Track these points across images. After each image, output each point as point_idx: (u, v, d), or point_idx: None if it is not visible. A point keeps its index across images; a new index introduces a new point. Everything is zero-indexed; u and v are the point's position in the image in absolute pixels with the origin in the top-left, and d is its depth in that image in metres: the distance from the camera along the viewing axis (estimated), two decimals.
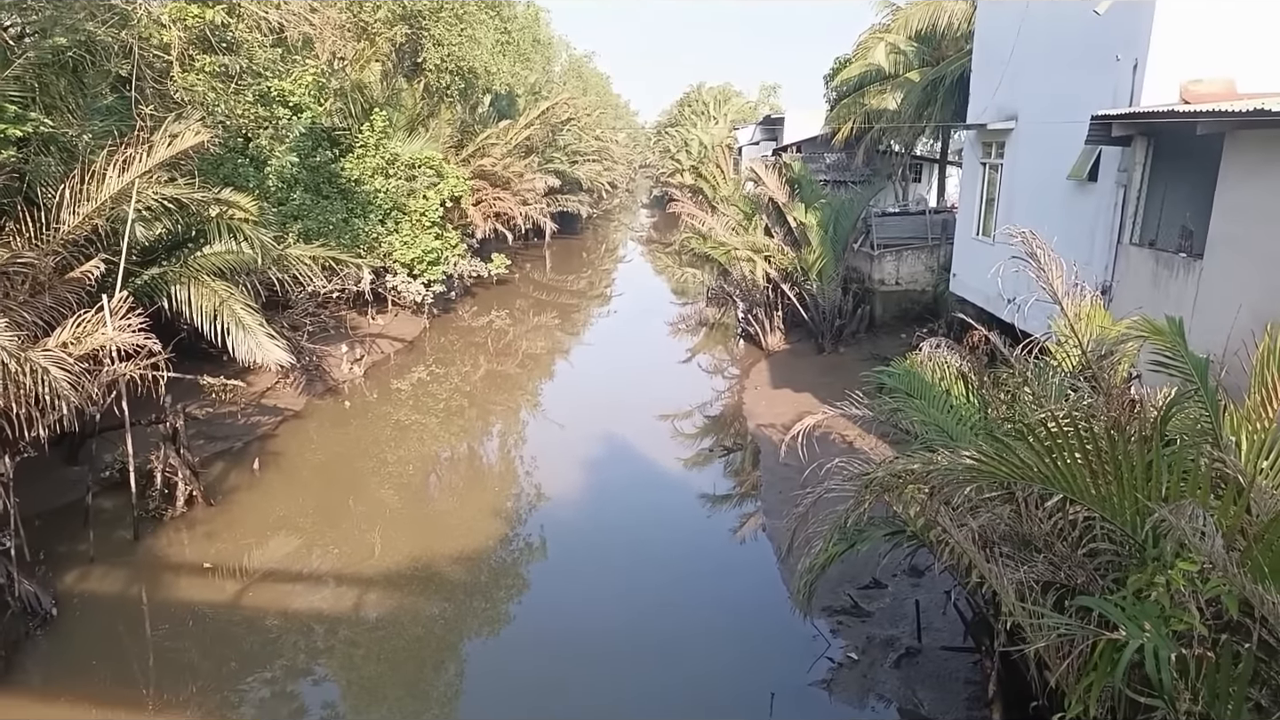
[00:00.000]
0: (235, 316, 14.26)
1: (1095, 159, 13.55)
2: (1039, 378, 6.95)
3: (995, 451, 4.55)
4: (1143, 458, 4.24)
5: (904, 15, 28.30)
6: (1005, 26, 16.60)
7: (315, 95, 23.03)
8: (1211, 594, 3.88)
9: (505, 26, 34.37)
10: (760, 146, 47.32)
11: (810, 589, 7.62)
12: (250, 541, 12.67)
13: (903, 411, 8.43)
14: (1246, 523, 4.24)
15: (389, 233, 24.77)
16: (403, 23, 27.72)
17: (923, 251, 23.57)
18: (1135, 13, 12.17)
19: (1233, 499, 4.39)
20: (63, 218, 11.22)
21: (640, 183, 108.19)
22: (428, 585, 11.68)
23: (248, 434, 16.51)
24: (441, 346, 26.02)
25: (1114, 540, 5.19)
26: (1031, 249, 6.58)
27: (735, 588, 11.85)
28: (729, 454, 17.42)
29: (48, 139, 12.97)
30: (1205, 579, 3.91)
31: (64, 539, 11.78)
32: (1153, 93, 12.10)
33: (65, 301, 10.83)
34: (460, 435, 19.12)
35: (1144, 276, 12.08)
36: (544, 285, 39.79)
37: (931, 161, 34.33)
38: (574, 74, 72.80)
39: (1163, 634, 3.73)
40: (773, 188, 24.01)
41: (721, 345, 27.39)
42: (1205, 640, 3.89)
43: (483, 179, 32.81)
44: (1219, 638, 3.95)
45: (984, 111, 17.78)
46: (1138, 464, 4.23)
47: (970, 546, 4.90)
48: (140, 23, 14.98)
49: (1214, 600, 3.95)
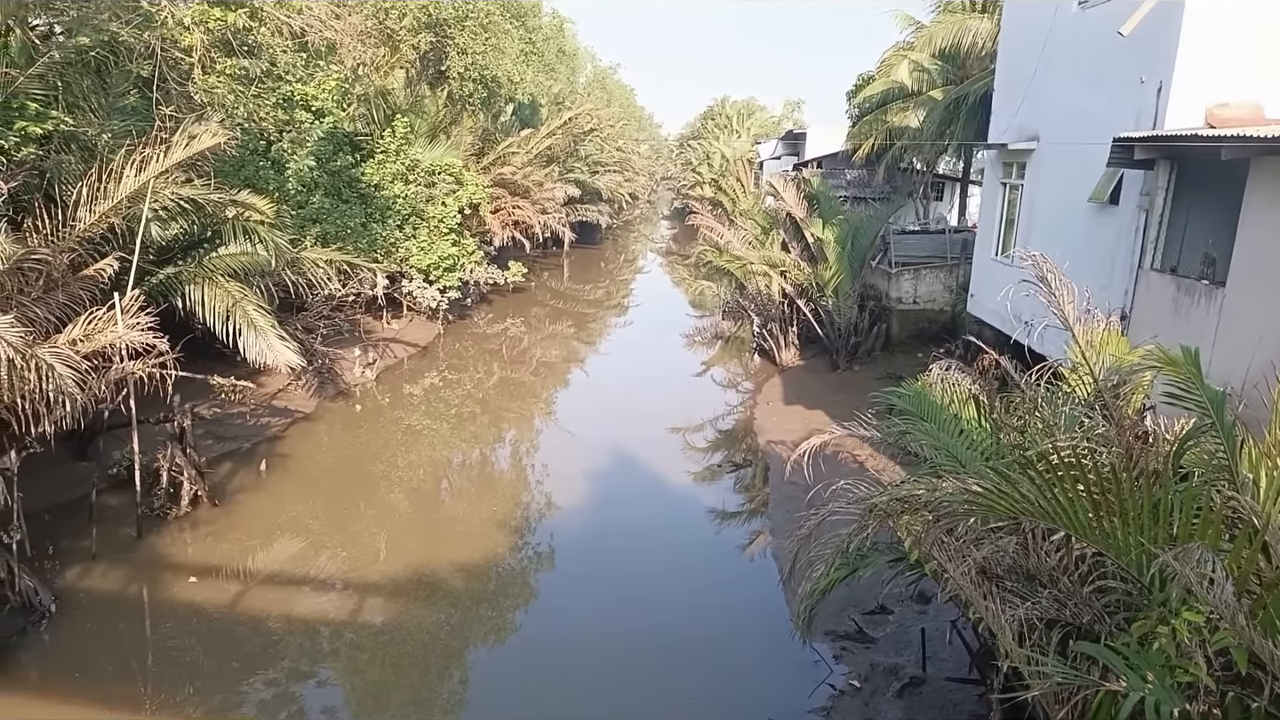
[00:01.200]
0: (248, 318, 14.31)
1: (1117, 182, 13.34)
2: (1050, 405, 6.79)
3: (997, 484, 4.40)
4: (1149, 494, 4.08)
5: (928, 33, 28.15)
6: (1029, 46, 16.42)
7: (338, 100, 23.16)
8: (1220, 645, 3.71)
9: (530, 37, 34.49)
10: (782, 161, 47.23)
11: (810, 614, 7.47)
12: (255, 543, 12.64)
13: (911, 434, 8.28)
14: (1262, 569, 4.06)
15: (406, 238, 24.85)
16: (427, 30, 27.87)
17: (941, 271, 23.34)
18: (1160, 35, 11.98)
19: (1247, 541, 4.21)
20: (80, 215, 11.29)
21: (662, 194, 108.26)
22: (434, 591, 11.61)
23: (256, 435, 16.52)
24: (455, 352, 26.02)
25: (1123, 579, 5.03)
26: (1043, 272, 6.42)
27: (739, 608, 11.68)
28: (738, 470, 17.26)
29: (69, 137, 13.09)
30: (1213, 629, 3.74)
31: (68, 535, 11.79)
32: (1177, 116, 11.89)
33: (78, 299, 10.86)
34: (471, 441, 19.06)
35: (1165, 303, 11.85)
36: (561, 294, 39.79)
37: (953, 180, 34.10)
38: (598, 85, 73.02)
39: (1167, 686, 3.56)
40: (791, 202, 23.88)
41: (736, 359, 27.24)
42: (1212, 694, 3.71)
43: (502, 187, 32.87)
44: (1227, 691, 3.77)
45: (1005, 131, 17.59)
46: (1144, 501, 4.07)
47: (966, 583, 4.74)
48: (164, 24, 15.13)
49: (1224, 650, 3.78)
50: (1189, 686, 3.77)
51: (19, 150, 11.76)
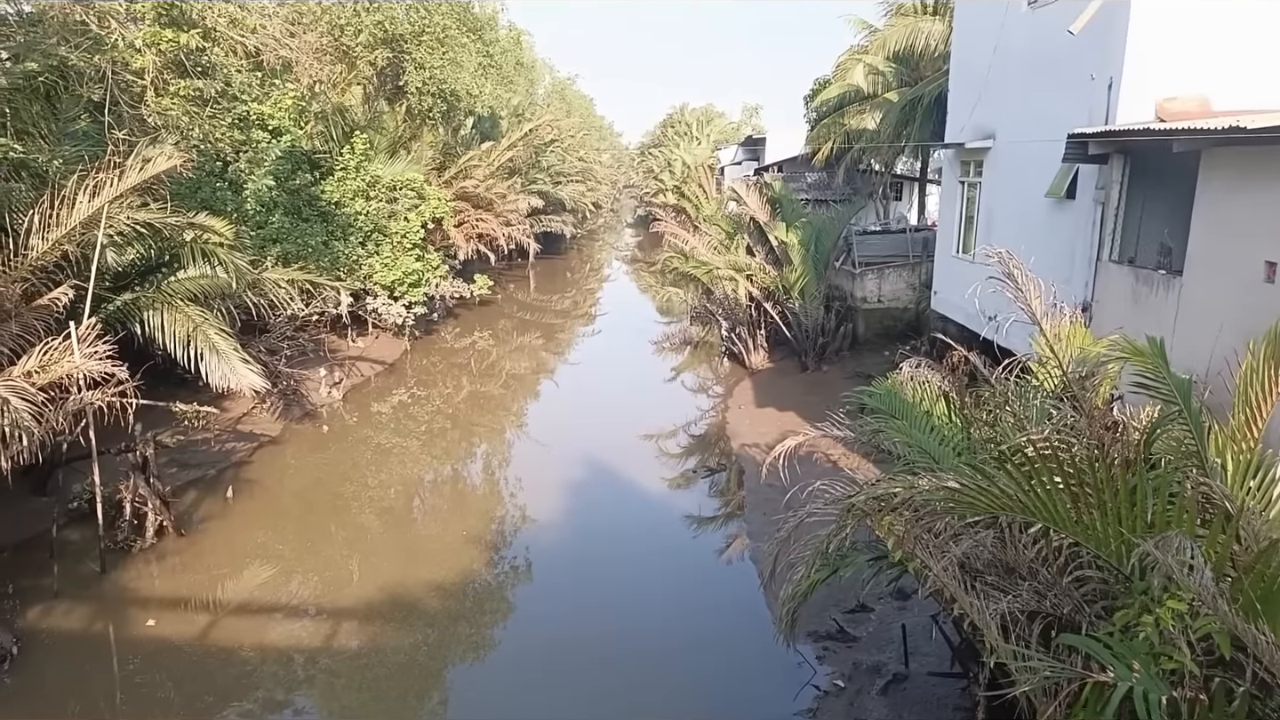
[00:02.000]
0: (209, 342, 14.04)
1: (1073, 177, 13.56)
2: (1020, 398, 6.85)
3: (975, 480, 4.41)
4: (1125, 483, 4.11)
5: (882, 37, 28.53)
6: (981, 47, 16.67)
7: (295, 119, 22.90)
8: (1203, 631, 3.74)
9: (487, 50, 34.36)
10: (742, 166, 47.55)
11: (793, 616, 7.46)
12: (223, 572, 12.38)
13: (884, 433, 8.32)
14: (1236, 552, 4.12)
15: (369, 255, 24.60)
16: (384, 46, 27.67)
17: (904, 269, 23.59)
18: (1109, 32, 12.21)
19: (1221, 526, 4.27)
20: (32, 243, 11.03)
21: (624, 202, 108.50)
22: (410, 612, 11.44)
23: (222, 461, 16.21)
24: (423, 368, 25.78)
25: (1100, 567, 5.07)
26: (1009, 269, 6.48)
27: (719, 612, 11.67)
28: (713, 474, 17.26)
29: (18, 164, 12.81)
30: (1195, 615, 3.78)
31: (29, 573, 11.44)
32: (1128, 111, 12.12)
33: (32, 329, 10.61)
34: (442, 458, 18.88)
35: (1124, 294, 12.05)
36: (528, 305, 39.63)
37: (911, 180, 34.54)
38: (557, 96, 73.02)
39: (1153, 674, 3.59)
40: (754, 207, 24.01)
41: (705, 364, 27.28)
42: (1197, 679, 3.74)
43: (465, 200, 32.70)
44: (1212, 676, 3.81)
45: (961, 131, 17.83)
46: (1121, 490, 4.11)
47: (951, 581, 4.75)
48: (114, 47, 14.88)
49: (1206, 636, 3.82)
50: (1173, 673, 3.80)
51: None
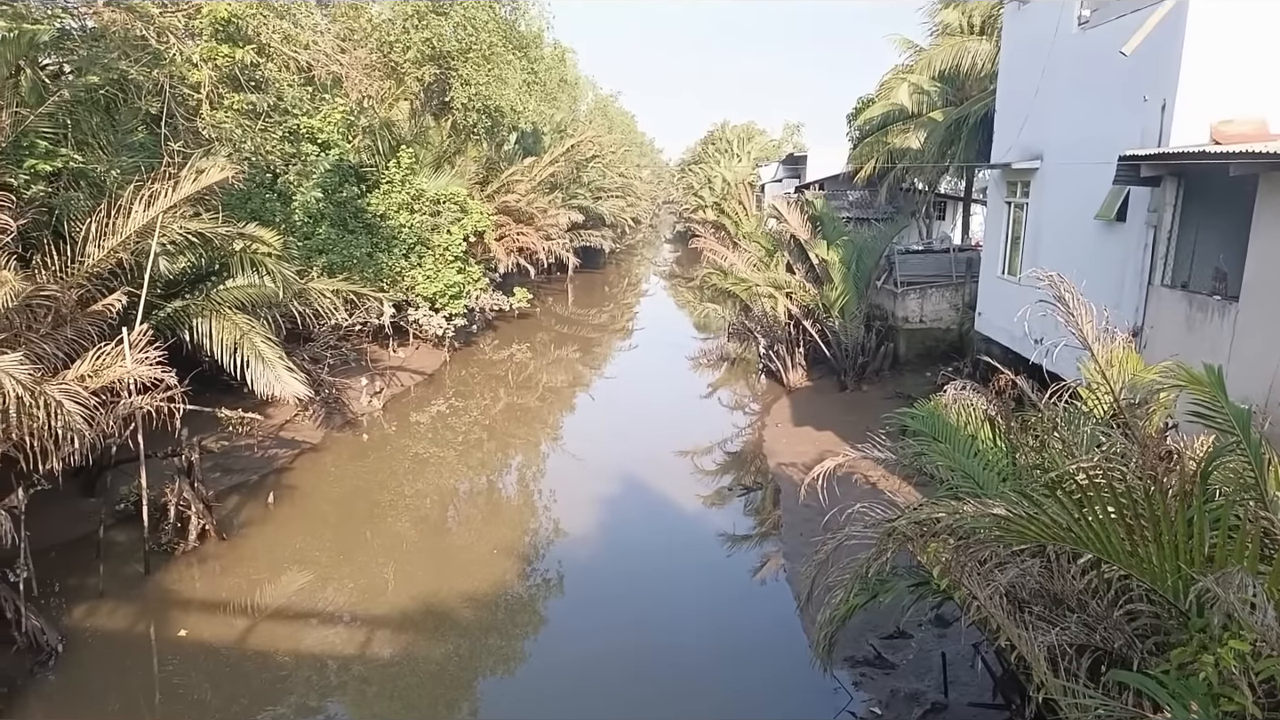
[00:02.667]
0: (256, 349, 14.26)
1: (1124, 199, 13.32)
2: (1069, 424, 6.71)
3: (1025, 510, 4.31)
4: (1183, 515, 3.98)
5: (927, 56, 28.34)
6: (1030, 67, 16.47)
7: (344, 132, 23.32)
8: (1266, 674, 3.60)
9: (532, 67, 34.72)
10: (783, 184, 47.44)
11: (830, 641, 7.34)
12: (262, 576, 12.53)
13: (927, 455, 8.19)
14: None
15: (412, 267, 24.93)
16: (431, 63, 28.08)
17: (947, 289, 23.31)
18: (1163, 53, 12.00)
19: None
20: (88, 251, 11.30)
21: (663, 218, 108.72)
22: (443, 621, 11.48)
23: (264, 467, 16.45)
24: (462, 379, 25.98)
25: (1153, 601, 4.93)
26: (1060, 292, 6.35)
27: (754, 633, 11.55)
28: (749, 493, 17.13)
29: (78, 174, 13.15)
30: (1258, 656, 3.64)
31: (75, 572, 11.70)
32: (1182, 133, 11.89)
33: (86, 334, 10.84)
34: (478, 469, 18.98)
35: (1177, 319, 11.78)
36: (565, 319, 39.80)
37: (955, 199, 34.15)
38: (600, 112, 73.55)
39: (1211, 715, 3.46)
40: (795, 224, 23.90)
41: (742, 381, 27.16)
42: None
43: (507, 214, 33.00)
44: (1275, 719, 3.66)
45: (1009, 151, 17.62)
46: (1179, 523, 3.98)
47: (999, 612, 4.63)
48: (173, 62, 15.25)
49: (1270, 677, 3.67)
50: (1233, 715, 3.66)
51: (29, 188, 11.82)
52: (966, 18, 27.59)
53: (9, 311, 9.43)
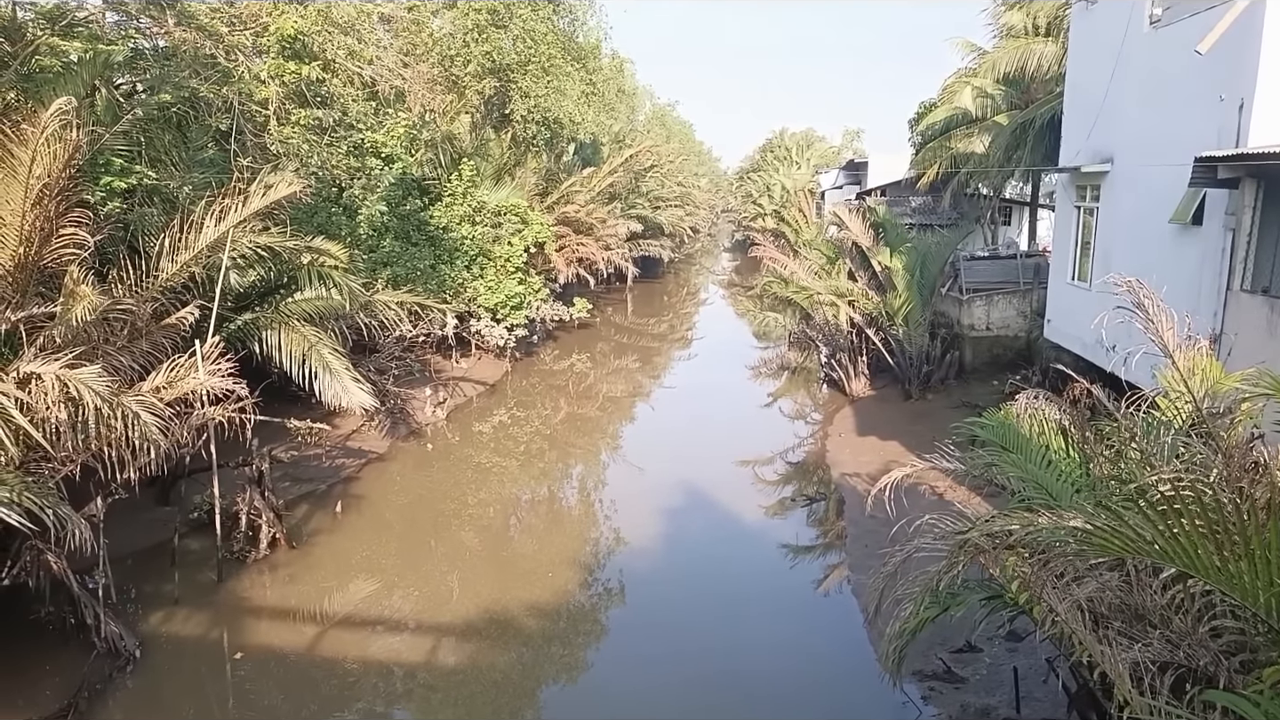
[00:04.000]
0: (323, 361, 14.60)
1: (1200, 202, 12.82)
2: (1147, 434, 6.44)
3: (1108, 521, 4.13)
4: (1277, 527, 3.78)
5: (990, 59, 27.80)
6: (1098, 68, 15.99)
7: (406, 146, 23.77)
8: None
9: (590, 78, 35.01)
10: (843, 191, 46.90)
11: (900, 655, 7.17)
12: (331, 584, 12.76)
13: (997, 466, 7.95)
14: None
15: (474, 278, 25.25)
16: (491, 76, 28.47)
17: (1014, 296, 22.73)
18: (1239, 51, 11.54)
19: None
20: (162, 265, 11.69)
21: (722, 227, 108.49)
22: (506, 630, 11.54)
23: (332, 476, 16.78)
24: (523, 389, 26.20)
25: (1238, 617, 4.69)
26: (1139, 298, 6.12)
27: (819, 645, 11.37)
28: (811, 503, 16.89)
29: (151, 190, 13.63)
30: None
31: (151, 579, 12.06)
32: (1261, 132, 11.40)
33: (160, 346, 11.20)
34: (540, 478, 19.08)
35: (1259, 325, 11.27)
36: (625, 328, 39.90)
37: (1021, 204, 33.37)
38: (657, 122, 73.74)
39: None
40: (856, 231, 23.59)
41: (804, 390, 26.86)
42: None
43: (566, 225, 33.27)
44: None
45: (1077, 154, 17.12)
46: (1272, 538, 3.77)
47: (1081, 628, 4.45)
48: (241, 79, 15.72)
49: None
50: None
51: (105, 204, 12.28)
52: (1031, 19, 26.97)
53: (87, 325, 9.78)
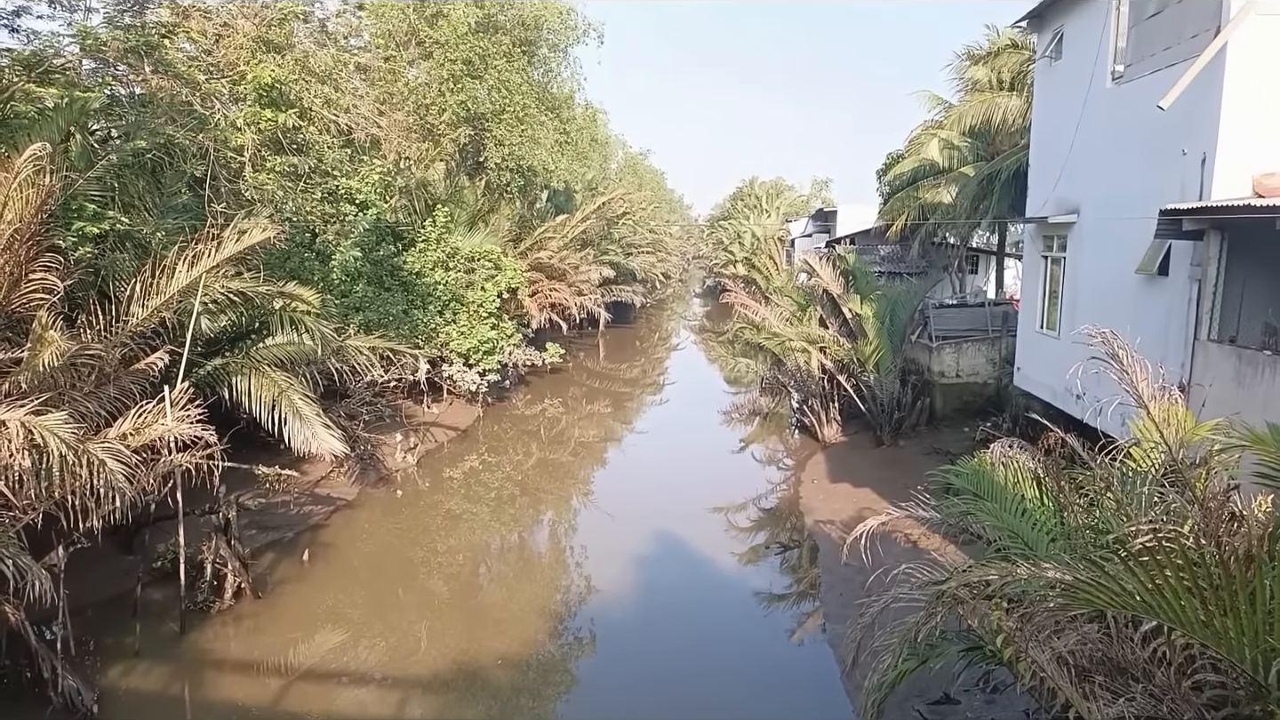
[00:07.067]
0: (293, 406, 14.40)
1: (1165, 253, 13.14)
2: (1123, 484, 6.50)
3: (1088, 575, 4.14)
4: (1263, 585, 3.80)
5: (957, 112, 28.51)
6: (1063, 121, 16.45)
7: (381, 192, 23.81)
8: None
9: (564, 127, 35.44)
10: (813, 239, 47.64)
11: (878, 708, 7.09)
12: (296, 635, 12.44)
13: (973, 515, 7.98)
14: None
15: (447, 323, 25.18)
16: (466, 124, 28.74)
17: (983, 344, 23.06)
18: (1201, 106, 11.92)
19: None
20: (132, 310, 11.52)
21: (693, 273, 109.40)
22: (474, 681, 11.32)
23: (299, 523, 16.45)
24: (495, 435, 25.99)
25: (1219, 670, 4.70)
26: (1113, 349, 6.22)
27: (793, 696, 11.23)
28: (785, 550, 16.82)
29: (124, 236, 13.48)
30: None
31: (112, 630, 11.67)
32: (1223, 186, 11.73)
33: (128, 392, 11.00)
34: (510, 525, 18.86)
35: (1226, 375, 11.50)
36: (597, 373, 39.87)
37: (988, 254, 34.02)
38: (630, 170, 74.65)
39: None
40: (827, 279, 23.87)
41: (776, 436, 26.91)
42: None
43: (539, 270, 33.36)
44: None
45: (1044, 205, 17.52)
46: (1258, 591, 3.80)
47: (1066, 684, 4.43)
48: (217, 126, 15.70)
49: None
50: None
51: (76, 249, 12.11)
52: (996, 74, 27.75)
53: (54, 370, 9.59)
